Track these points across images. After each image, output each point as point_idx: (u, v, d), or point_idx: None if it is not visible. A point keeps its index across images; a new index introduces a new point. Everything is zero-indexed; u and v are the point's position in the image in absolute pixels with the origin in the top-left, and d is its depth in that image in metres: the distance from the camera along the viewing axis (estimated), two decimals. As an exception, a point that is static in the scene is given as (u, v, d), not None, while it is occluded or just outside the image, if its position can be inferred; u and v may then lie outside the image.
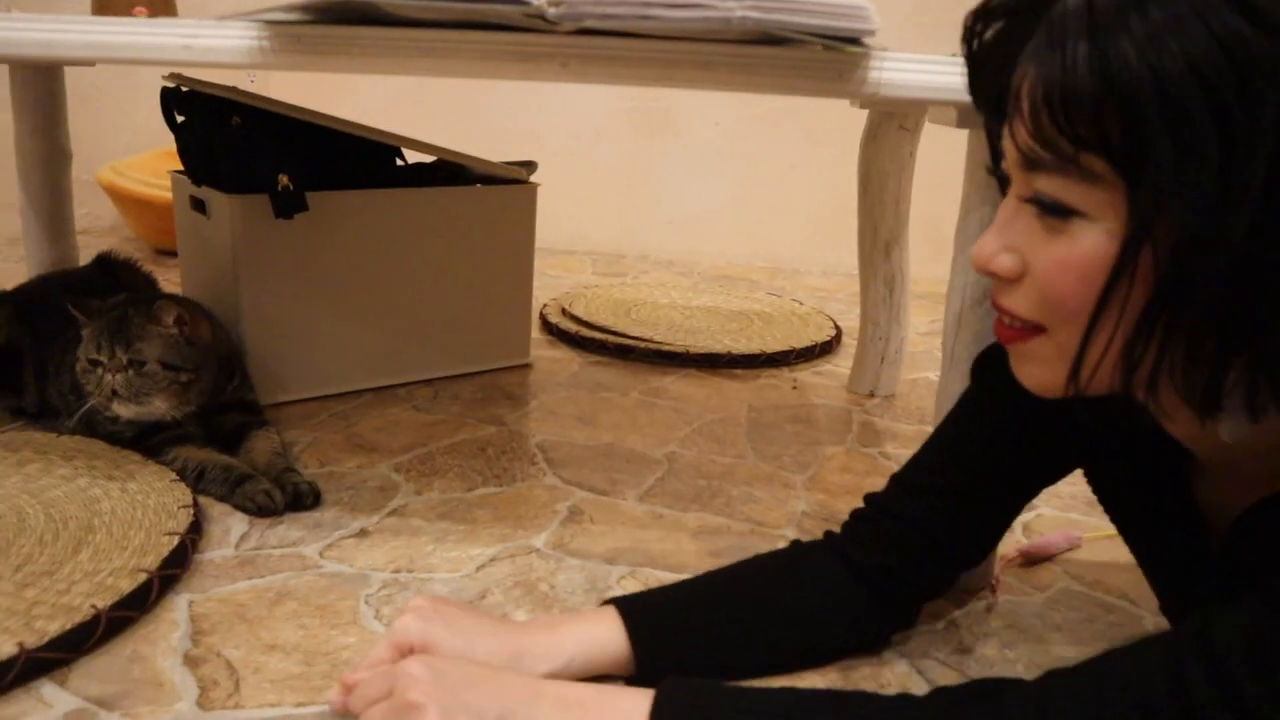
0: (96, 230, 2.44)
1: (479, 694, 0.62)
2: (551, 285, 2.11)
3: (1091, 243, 0.51)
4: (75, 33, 0.76)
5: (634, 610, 0.75)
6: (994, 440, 0.76)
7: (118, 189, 2.21)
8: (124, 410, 1.04)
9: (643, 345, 1.63)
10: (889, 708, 0.61)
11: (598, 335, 1.68)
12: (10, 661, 0.69)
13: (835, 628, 0.79)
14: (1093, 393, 0.55)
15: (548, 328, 1.75)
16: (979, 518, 0.79)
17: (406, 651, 0.69)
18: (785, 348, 1.66)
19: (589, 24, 0.70)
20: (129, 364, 1.03)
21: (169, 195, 2.09)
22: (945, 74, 0.73)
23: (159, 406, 1.05)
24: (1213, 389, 0.51)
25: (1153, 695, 0.51)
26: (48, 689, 0.70)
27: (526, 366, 1.53)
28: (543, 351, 1.62)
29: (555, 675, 0.71)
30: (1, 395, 1.20)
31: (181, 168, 1.34)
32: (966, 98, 0.73)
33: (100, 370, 1.03)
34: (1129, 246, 0.49)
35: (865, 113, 1.43)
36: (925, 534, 0.78)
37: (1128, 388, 0.53)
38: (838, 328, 1.85)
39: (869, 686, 0.76)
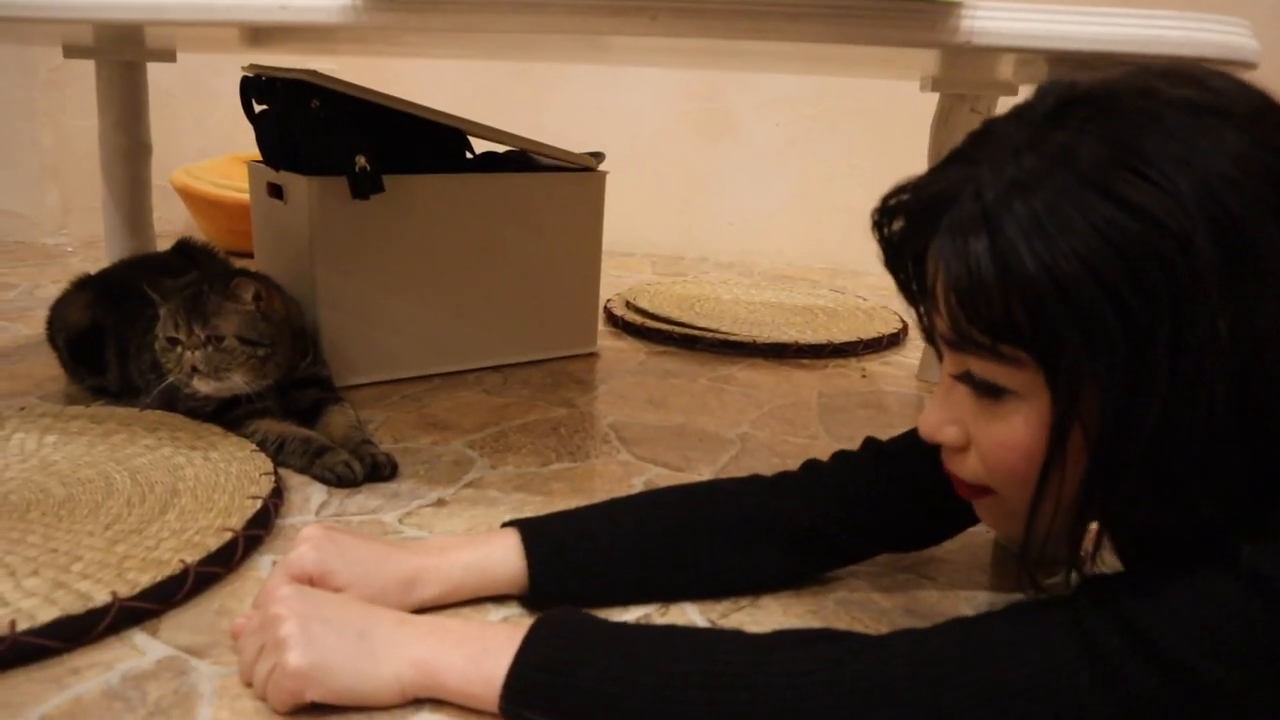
0: (169, 234, 2.46)
1: (342, 612, 0.63)
2: (613, 283, 2.11)
3: (1025, 422, 0.52)
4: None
5: (535, 531, 0.76)
6: None
7: (191, 190, 2.27)
8: (203, 386, 1.05)
9: (709, 335, 1.62)
10: (760, 649, 0.59)
11: (663, 326, 1.67)
12: (104, 609, 0.70)
13: (738, 575, 0.79)
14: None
15: (612, 320, 1.75)
16: (929, 496, 0.74)
17: (305, 582, 0.69)
18: (853, 338, 1.64)
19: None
20: (207, 340, 1.04)
21: (240, 196, 2.15)
22: (1040, 22, 0.72)
23: (238, 381, 1.06)
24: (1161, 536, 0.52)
25: (1065, 664, 0.50)
26: (140, 637, 0.71)
27: (593, 355, 1.53)
28: (608, 342, 1.62)
29: (445, 598, 0.73)
30: (86, 375, 1.22)
31: (258, 159, 1.37)
32: (1062, 45, 0.73)
33: (179, 348, 1.04)
34: (1057, 430, 0.50)
35: (926, 111, 1.41)
36: (876, 501, 0.77)
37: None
38: (904, 321, 1.82)
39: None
